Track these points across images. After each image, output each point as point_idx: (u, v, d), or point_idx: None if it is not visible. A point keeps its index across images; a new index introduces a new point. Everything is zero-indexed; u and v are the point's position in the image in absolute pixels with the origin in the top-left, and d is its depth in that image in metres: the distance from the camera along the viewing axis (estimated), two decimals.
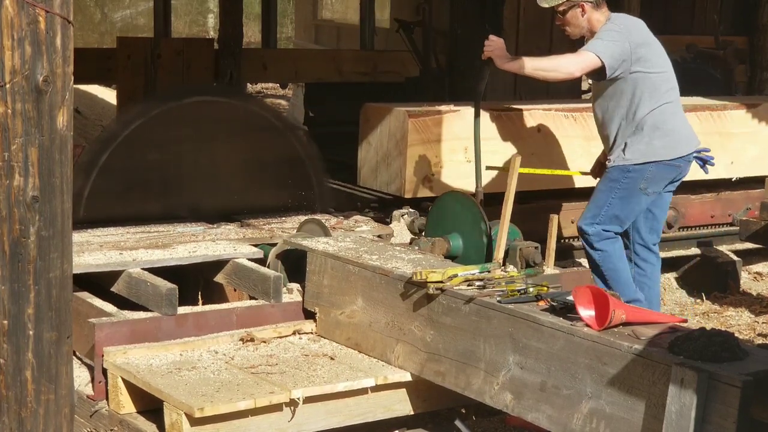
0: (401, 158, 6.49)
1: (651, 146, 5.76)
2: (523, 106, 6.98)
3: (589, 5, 5.79)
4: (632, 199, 5.78)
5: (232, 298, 5.35)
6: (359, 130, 6.81)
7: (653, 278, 6.04)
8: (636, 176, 5.76)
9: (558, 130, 6.89)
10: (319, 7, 17.83)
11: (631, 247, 6.02)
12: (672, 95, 5.86)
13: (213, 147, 6.08)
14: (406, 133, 6.44)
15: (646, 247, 6.00)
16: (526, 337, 4.00)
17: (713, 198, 7.55)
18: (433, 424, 4.64)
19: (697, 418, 3.37)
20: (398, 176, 6.52)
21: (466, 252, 5.57)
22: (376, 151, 6.69)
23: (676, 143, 5.83)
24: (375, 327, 4.63)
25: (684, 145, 5.86)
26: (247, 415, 4.12)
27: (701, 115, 7.47)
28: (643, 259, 6.01)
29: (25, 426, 3.39)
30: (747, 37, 10.63)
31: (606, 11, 5.86)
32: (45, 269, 3.35)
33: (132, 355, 4.45)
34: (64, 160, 3.36)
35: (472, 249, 5.55)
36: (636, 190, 5.77)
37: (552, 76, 5.78)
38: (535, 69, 5.71)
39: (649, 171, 5.76)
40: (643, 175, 5.76)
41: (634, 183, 5.76)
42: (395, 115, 6.57)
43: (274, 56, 8.68)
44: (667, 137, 5.79)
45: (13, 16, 3.19)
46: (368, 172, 6.75)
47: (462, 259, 5.50)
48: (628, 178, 5.77)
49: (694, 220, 7.48)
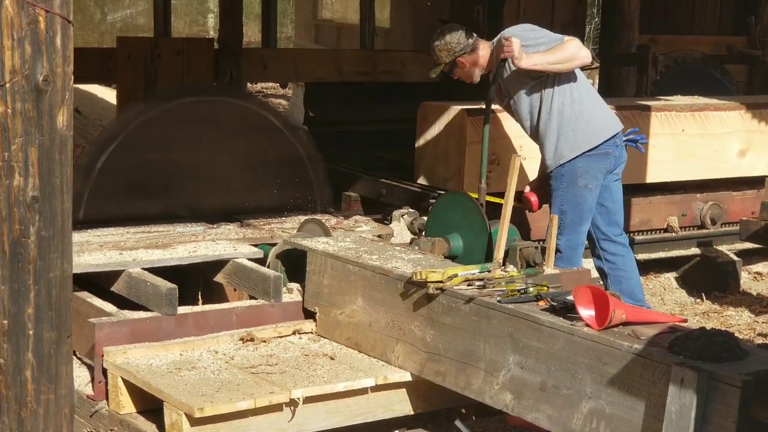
0: (460, 156, 6.63)
1: (571, 140, 5.77)
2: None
3: (464, 55, 5.91)
4: (578, 200, 5.79)
5: (232, 298, 5.35)
6: (416, 128, 6.91)
7: (628, 268, 6.02)
8: (569, 175, 5.78)
9: None
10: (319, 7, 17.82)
11: (597, 245, 6.03)
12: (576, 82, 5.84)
13: (213, 147, 6.08)
14: (465, 131, 6.61)
15: (610, 240, 6.01)
16: (526, 337, 4.00)
17: (754, 195, 7.59)
18: (433, 424, 4.63)
19: (697, 418, 3.37)
20: (457, 173, 6.67)
21: (466, 252, 5.57)
22: (433, 148, 6.86)
23: (596, 129, 5.81)
24: (375, 327, 4.63)
25: (603, 130, 5.83)
26: (247, 415, 4.12)
27: (744, 115, 7.56)
28: (611, 253, 6.01)
29: (25, 426, 3.39)
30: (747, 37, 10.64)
31: (483, 42, 5.97)
32: (45, 269, 3.35)
33: (132, 355, 4.45)
34: (64, 160, 3.36)
35: (472, 249, 5.55)
36: (576, 188, 5.78)
37: (575, 64, 5.75)
38: (551, 63, 5.71)
39: (579, 165, 5.77)
40: (575, 171, 5.77)
41: (571, 182, 5.77)
42: (454, 113, 6.73)
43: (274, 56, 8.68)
44: (585, 126, 5.79)
45: (13, 16, 3.19)
46: (426, 169, 6.86)
47: (462, 259, 5.50)
48: (563, 181, 5.80)
49: (736, 216, 7.56)
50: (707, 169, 7.56)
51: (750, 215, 7.46)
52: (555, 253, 5.46)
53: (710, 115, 7.55)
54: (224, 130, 6.11)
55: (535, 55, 5.70)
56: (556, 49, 5.72)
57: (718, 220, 7.57)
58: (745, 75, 10.69)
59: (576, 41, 5.76)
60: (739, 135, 7.63)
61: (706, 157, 7.54)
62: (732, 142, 7.59)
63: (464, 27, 6.02)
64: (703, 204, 7.54)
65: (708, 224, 7.56)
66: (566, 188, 5.80)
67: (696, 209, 7.58)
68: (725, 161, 7.59)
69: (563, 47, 5.73)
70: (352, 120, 8.68)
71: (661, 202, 7.47)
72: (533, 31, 5.92)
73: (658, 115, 7.39)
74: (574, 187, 5.79)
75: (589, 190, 5.81)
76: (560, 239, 5.71)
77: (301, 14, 17.95)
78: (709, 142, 7.55)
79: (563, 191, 5.81)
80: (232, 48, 7.88)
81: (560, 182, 5.82)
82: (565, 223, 5.77)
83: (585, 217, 5.85)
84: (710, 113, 7.56)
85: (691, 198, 7.53)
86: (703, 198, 7.58)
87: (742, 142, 7.63)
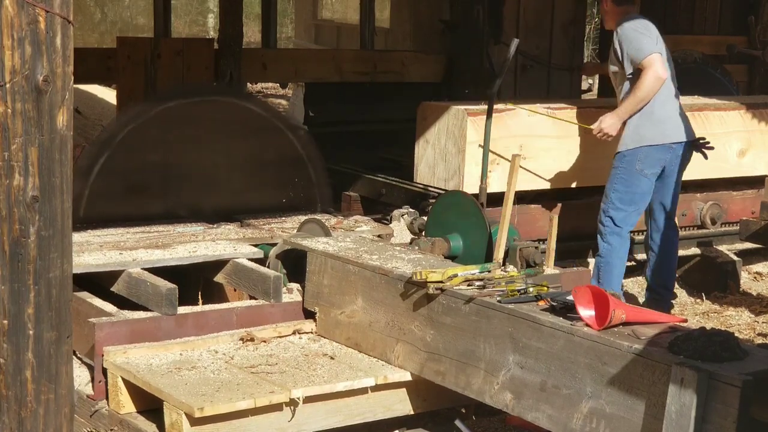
0: (460, 155, 6.63)
1: (639, 133, 6.24)
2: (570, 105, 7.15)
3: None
4: (632, 181, 6.24)
5: (232, 298, 5.35)
6: (416, 128, 6.92)
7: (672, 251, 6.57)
8: (630, 159, 6.25)
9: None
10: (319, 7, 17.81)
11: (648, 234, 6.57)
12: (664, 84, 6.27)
13: (213, 147, 6.08)
14: (465, 130, 6.60)
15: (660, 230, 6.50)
16: (526, 336, 4.00)
17: (754, 194, 7.60)
18: (433, 424, 4.64)
19: (697, 418, 3.37)
20: (457, 173, 6.65)
21: (466, 252, 5.57)
22: (433, 148, 6.86)
23: (670, 129, 6.30)
24: (375, 327, 4.63)
25: (674, 133, 6.32)
26: (247, 414, 4.12)
27: (744, 114, 7.57)
28: (656, 242, 6.53)
29: (25, 426, 3.39)
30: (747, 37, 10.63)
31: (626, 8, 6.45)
32: (45, 269, 3.35)
33: (132, 354, 4.45)
34: (64, 159, 3.36)
35: (472, 249, 5.55)
36: (632, 171, 6.24)
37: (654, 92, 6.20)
38: (637, 105, 6.23)
39: (641, 153, 6.24)
40: (636, 156, 6.24)
41: (629, 165, 6.25)
42: (454, 113, 6.72)
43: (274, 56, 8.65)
44: (653, 124, 6.25)
45: (13, 16, 3.19)
46: (425, 169, 6.87)
47: (462, 259, 5.50)
48: (624, 162, 6.27)
49: (736, 216, 7.59)
50: (707, 168, 7.55)
51: (750, 215, 7.48)
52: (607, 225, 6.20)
53: (710, 115, 7.54)
54: (224, 130, 6.10)
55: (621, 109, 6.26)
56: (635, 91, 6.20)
57: (718, 220, 7.58)
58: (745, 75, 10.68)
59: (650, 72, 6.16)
60: (739, 135, 7.63)
61: None
62: (732, 141, 7.59)
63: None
64: (703, 204, 7.55)
65: (708, 224, 7.57)
66: (624, 169, 6.27)
67: (696, 209, 7.58)
68: (725, 161, 7.58)
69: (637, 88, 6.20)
70: (352, 120, 8.67)
71: None
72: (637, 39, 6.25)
73: None
74: (632, 169, 6.25)
75: (645, 175, 6.27)
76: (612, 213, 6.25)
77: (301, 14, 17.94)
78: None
79: (620, 171, 6.29)
80: (232, 48, 7.86)
81: (620, 162, 6.30)
82: (613, 199, 6.27)
83: (637, 199, 6.31)
84: (710, 113, 7.56)
85: (691, 198, 7.53)
86: (703, 198, 7.58)
87: (742, 141, 7.63)
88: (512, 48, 6.35)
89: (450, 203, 5.81)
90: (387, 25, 12.14)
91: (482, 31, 8.75)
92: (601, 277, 6.30)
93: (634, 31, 6.23)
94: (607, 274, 6.29)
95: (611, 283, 6.26)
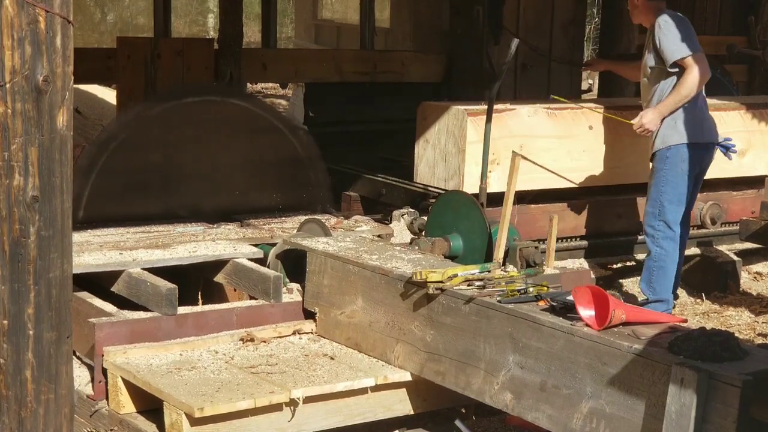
0: (460, 155, 6.64)
1: (682, 129, 6.18)
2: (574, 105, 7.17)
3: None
4: (678, 181, 6.22)
5: (232, 298, 5.35)
6: (416, 128, 6.92)
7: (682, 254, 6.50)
8: (674, 159, 6.19)
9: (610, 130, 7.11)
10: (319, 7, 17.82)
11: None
12: None
13: (213, 147, 6.07)
14: (465, 131, 6.60)
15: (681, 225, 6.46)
16: (526, 336, 4.00)
17: (754, 194, 7.60)
18: (433, 424, 4.63)
19: (697, 418, 3.37)
20: (457, 173, 6.66)
21: (466, 252, 5.57)
22: (433, 148, 6.86)
23: (706, 129, 6.32)
24: (375, 327, 4.63)
25: (711, 132, 6.34)
26: (247, 414, 4.12)
27: (744, 114, 7.58)
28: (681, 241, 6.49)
29: (25, 426, 3.39)
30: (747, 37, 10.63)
31: (653, 6, 6.33)
32: (45, 269, 3.35)
33: (132, 354, 4.45)
34: (64, 159, 3.36)
35: (472, 249, 5.55)
36: (678, 171, 6.19)
37: (696, 91, 6.16)
38: (679, 102, 6.17)
39: (683, 152, 6.19)
40: (680, 156, 6.18)
41: (674, 166, 6.18)
42: (454, 113, 6.72)
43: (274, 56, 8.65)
44: (696, 122, 6.23)
45: (13, 16, 3.19)
46: (425, 169, 6.88)
47: (462, 259, 5.50)
48: (668, 163, 6.20)
49: (736, 216, 7.59)
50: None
51: (750, 215, 7.47)
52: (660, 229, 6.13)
53: None
54: (224, 130, 6.10)
55: (663, 105, 6.16)
56: (679, 88, 6.13)
57: (718, 220, 7.57)
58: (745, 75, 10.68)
59: (696, 69, 6.11)
60: (739, 135, 7.62)
61: None
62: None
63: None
64: (703, 204, 7.54)
65: (708, 224, 7.56)
66: (669, 170, 6.20)
67: (696, 209, 7.58)
68: (725, 161, 7.58)
69: (681, 84, 6.13)
70: (352, 120, 8.67)
71: None
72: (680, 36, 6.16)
73: None
74: (676, 170, 6.20)
75: (688, 175, 6.22)
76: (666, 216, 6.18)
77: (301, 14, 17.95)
78: None
79: (665, 173, 6.21)
80: (232, 48, 7.86)
81: (664, 164, 6.22)
82: (664, 201, 6.20)
83: (684, 199, 6.26)
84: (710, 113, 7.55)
85: None
86: (703, 198, 7.57)
87: (742, 141, 7.62)
88: (512, 48, 6.35)
89: (450, 203, 5.81)
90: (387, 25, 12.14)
91: (482, 31, 8.75)
92: (654, 282, 6.24)
93: (676, 28, 6.14)
94: (661, 278, 6.22)
95: (666, 288, 6.23)
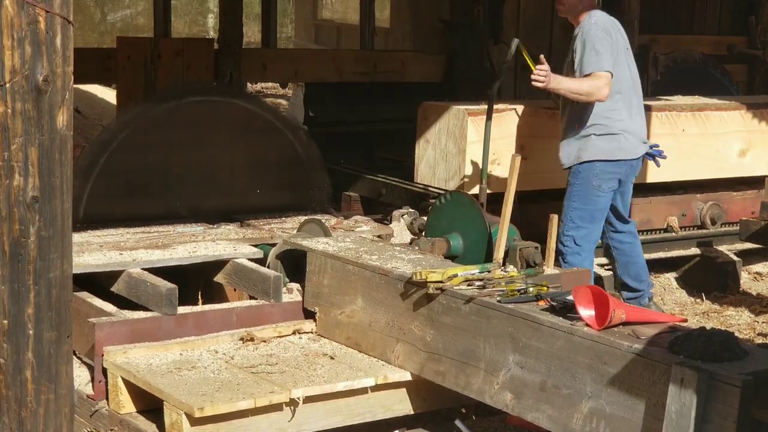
0: (461, 155, 6.66)
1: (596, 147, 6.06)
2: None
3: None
4: (590, 198, 6.09)
5: (232, 298, 5.35)
6: (416, 128, 6.92)
7: (634, 254, 6.44)
8: (586, 175, 6.07)
9: None
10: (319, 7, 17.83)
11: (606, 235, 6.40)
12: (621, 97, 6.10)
13: (213, 147, 6.07)
14: (465, 131, 6.62)
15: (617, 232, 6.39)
16: (526, 336, 4.00)
17: (754, 195, 7.61)
18: (433, 423, 4.63)
19: (697, 418, 3.37)
20: (457, 173, 6.67)
21: (466, 252, 5.57)
22: (434, 148, 6.88)
23: (625, 147, 6.12)
24: (375, 327, 4.63)
25: (628, 150, 6.13)
26: (247, 414, 4.12)
27: (744, 114, 7.58)
28: (619, 242, 6.41)
29: (25, 426, 3.39)
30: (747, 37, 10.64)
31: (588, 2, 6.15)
32: (45, 269, 3.35)
33: (132, 354, 4.45)
34: (64, 160, 3.36)
35: (472, 249, 5.55)
36: (590, 188, 6.08)
37: (588, 99, 6.02)
38: (571, 91, 6.02)
39: (596, 168, 6.07)
40: (592, 172, 6.07)
41: (586, 182, 6.07)
42: (454, 113, 6.73)
43: (274, 56, 8.66)
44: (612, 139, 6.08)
45: (13, 16, 3.19)
46: (426, 169, 6.88)
47: (462, 259, 5.50)
48: (579, 178, 6.09)
49: (736, 216, 7.59)
50: (708, 169, 7.56)
51: (750, 215, 7.48)
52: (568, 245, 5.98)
53: (711, 115, 7.55)
54: (224, 130, 6.10)
55: (563, 81, 6.01)
56: (583, 82, 5.98)
57: (718, 220, 7.59)
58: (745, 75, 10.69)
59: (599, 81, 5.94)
60: (739, 135, 7.64)
61: (706, 156, 7.54)
62: (732, 142, 7.60)
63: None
64: (703, 204, 7.55)
65: (708, 224, 7.57)
66: (581, 186, 6.11)
67: (696, 209, 7.59)
68: (726, 161, 7.59)
69: (583, 81, 5.98)
70: (353, 120, 8.67)
71: (661, 202, 7.48)
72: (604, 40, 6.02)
73: (659, 115, 7.39)
74: (588, 187, 6.09)
75: (603, 191, 6.12)
76: (573, 232, 6.08)
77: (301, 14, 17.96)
78: (710, 142, 7.55)
79: (577, 188, 6.12)
80: (232, 48, 7.87)
81: (576, 179, 6.12)
82: (573, 217, 6.09)
83: (596, 216, 6.14)
84: (710, 113, 7.56)
85: (691, 198, 7.54)
86: (703, 198, 7.59)
87: (743, 142, 7.63)
88: (512, 48, 6.35)
89: (450, 203, 5.81)
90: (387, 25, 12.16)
91: (482, 31, 8.75)
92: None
93: (599, 38, 5.97)
94: None
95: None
